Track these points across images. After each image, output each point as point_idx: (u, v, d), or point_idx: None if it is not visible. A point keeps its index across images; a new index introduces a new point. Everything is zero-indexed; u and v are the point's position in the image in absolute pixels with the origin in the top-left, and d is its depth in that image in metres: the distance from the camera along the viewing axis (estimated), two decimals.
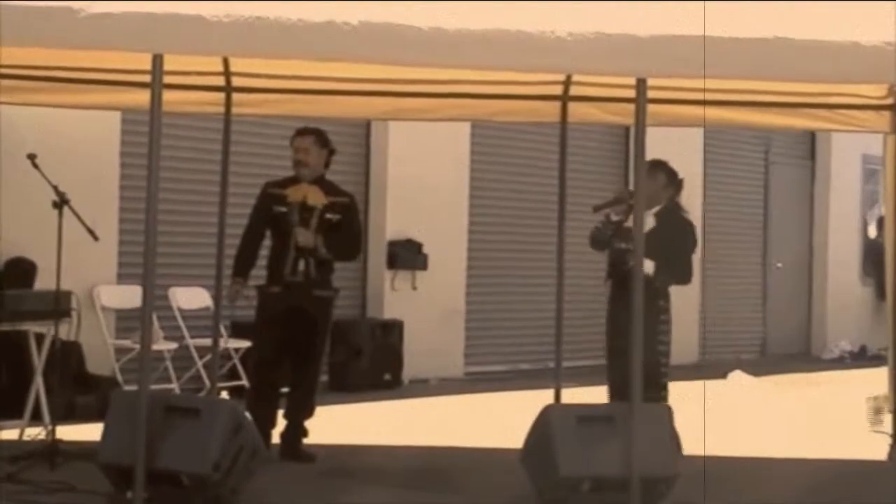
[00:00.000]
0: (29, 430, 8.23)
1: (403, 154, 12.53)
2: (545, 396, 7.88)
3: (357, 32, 5.86)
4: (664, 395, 7.75)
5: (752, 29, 6.09)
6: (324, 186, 8.14)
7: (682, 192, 8.19)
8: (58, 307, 7.95)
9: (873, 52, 6.09)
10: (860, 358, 16.61)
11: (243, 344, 10.32)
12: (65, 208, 7.54)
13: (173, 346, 10.50)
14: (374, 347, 11.97)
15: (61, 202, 7.54)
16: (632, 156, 13.45)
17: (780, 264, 17.15)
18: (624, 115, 8.10)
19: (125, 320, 10.38)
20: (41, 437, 7.81)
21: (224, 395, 9.97)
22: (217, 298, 8.59)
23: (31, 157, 7.60)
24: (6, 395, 8.86)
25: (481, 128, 13.11)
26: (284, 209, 8.03)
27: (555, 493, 6.48)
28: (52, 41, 6.00)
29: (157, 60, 6.01)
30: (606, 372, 7.97)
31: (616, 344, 7.62)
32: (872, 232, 17.65)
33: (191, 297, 10.91)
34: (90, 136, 10.06)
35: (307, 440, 8.11)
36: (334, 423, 8.84)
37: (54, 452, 7.35)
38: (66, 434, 7.64)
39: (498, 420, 9.66)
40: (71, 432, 7.80)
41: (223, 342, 9.94)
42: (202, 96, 8.46)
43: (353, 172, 12.27)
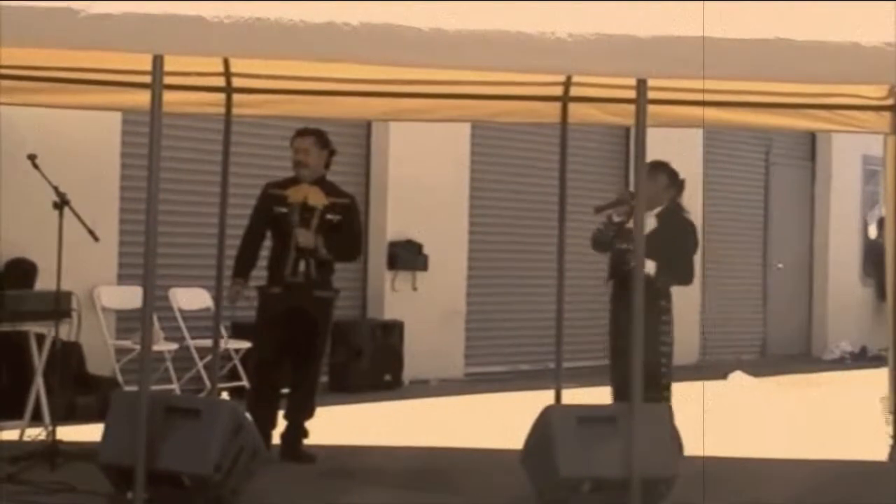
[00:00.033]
0: (29, 431, 8.23)
1: (404, 155, 12.54)
2: (545, 397, 7.88)
3: (357, 33, 5.86)
4: (667, 396, 7.75)
5: (752, 29, 6.09)
6: (324, 187, 8.14)
7: (683, 192, 8.20)
8: (58, 308, 7.95)
9: (873, 53, 6.09)
10: (861, 359, 16.62)
11: (244, 345, 10.32)
12: (65, 209, 7.54)
13: (174, 346, 10.50)
14: (374, 348, 11.97)
15: (62, 203, 7.54)
16: (632, 156, 13.45)
17: (780, 265, 17.16)
18: (624, 115, 8.10)
19: (125, 321, 10.39)
20: (41, 438, 7.81)
21: (224, 395, 9.97)
22: (217, 299, 8.59)
23: (32, 157, 7.60)
24: (6, 396, 8.86)
25: (481, 128, 13.11)
26: (285, 210, 8.03)
27: (555, 493, 6.48)
28: (52, 42, 6.00)
29: (158, 61, 6.01)
30: (609, 372, 7.98)
31: (619, 344, 7.62)
32: (873, 233, 17.65)
33: (191, 298, 10.92)
34: (90, 137, 10.06)
35: (307, 441, 8.11)
36: (335, 424, 8.83)
37: (55, 453, 7.35)
38: (67, 434, 7.64)
39: (498, 421, 9.66)
40: (71, 433, 7.80)
41: (223, 343, 9.95)
42: (202, 97, 8.46)
43: (354, 173, 12.28)
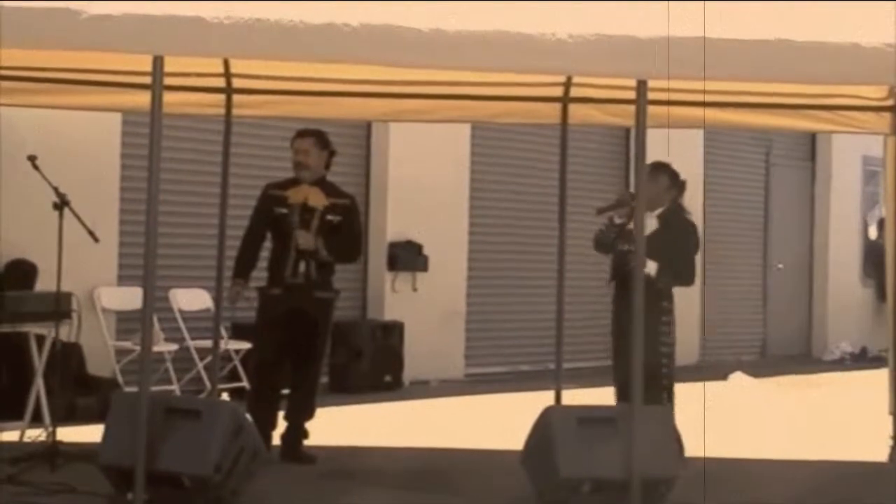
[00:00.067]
0: (29, 432, 8.23)
1: (404, 155, 12.54)
2: (546, 398, 7.89)
3: (357, 34, 5.87)
4: (669, 397, 7.75)
5: (753, 30, 6.09)
6: (324, 188, 8.14)
7: (684, 193, 8.20)
8: (58, 309, 7.95)
9: (873, 54, 6.09)
10: (861, 359, 16.62)
11: (244, 345, 10.32)
12: (65, 210, 7.54)
13: (174, 347, 10.50)
14: (374, 349, 11.97)
15: (62, 204, 7.54)
16: (632, 157, 13.45)
17: (780, 265, 17.16)
18: (624, 116, 8.10)
19: (126, 322, 10.39)
20: (42, 439, 7.81)
21: (224, 396, 9.97)
22: (217, 300, 8.59)
23: (32, 158, 7.60)
24: (7, 397, 8.86)
25: (481, 129, 13.11)
26: (285, 211, 8.03)
27: (555, 494, 6.48)
28: (52, 43, 6.00)
29: (158, 62, 6.01)
30: (613, 373, 7.98)
31: (621, 345, 7.62)
32: (873, 233, 17.65)
33: (191, 299, 10.92)
34: (91, 138, 10.06)
35: (308, 442, 8.11)
36: (335, 425, 8.83)
37: (55, 454, 7.35)
38: (67, 435, 7.64)
39: (498, 421, 9.66)
40: (71, 434, 7.79)
41: (224, 344, 9.95)
42: (202, 98, 8.46)
43: (354, 174, 12.28)
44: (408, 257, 12.61)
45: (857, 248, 17.97)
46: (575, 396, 8.35)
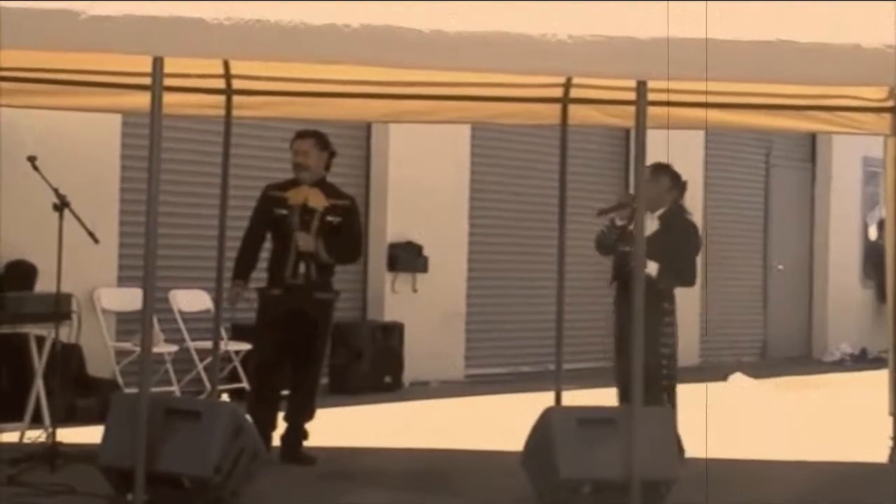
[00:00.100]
0: (29, 433, 8.22)
1: (404, 156, 12.54)
2: (546, 399, 7.89)
3: (357, 35, 5.87)
4: (670, 398, 7.75)
5: (753, 31, 6.09)
6: (324, 189, 8.13)
7: (685, 194, 8.21)
8: (58, 310, 7.95)
9: (874, 55, 6.09)
10: (861, 360, 16.62)
11: (244, 346, 10.32)
12: (65, 211, 7.54)
13: (174, 348, 10.50)
14: (374, 350, 11.97)
15: (62, 205, 7.54)
16: (632, 158, 13.45)
17: (780, 266, 17.15)
18: (624, 117, 8.10)
19: (126, 323, 10.39)
20: (42, 440, 7.80)
21: (224, 397, 9.97)
22: (217, 301, 8.59)
23: (32, 159, 7.60)
24: (7, 398, 8.86)
25: (482, 130, 13.12)
26: (285, 212, 8.02)
27: (555, 495, 6.47)
28: (52, 44, 6.00)
29: (158, 63, 6.01)
30: (615, 374, 7.99)
31: (623, 346, 7.63)
32: (873, 234, 17.65)
33: (191, 300, 10.91)
34: (91, 139, 10.06)
35: (307, 443, 8.11)
36: (335, 426, 8.83)
37: (55, 455, 7.34)
38: (67, 436, 7.63)
39: (498, 422, 9.65)
40: (71, 435, 7.79)
41: (224, 345, 9.95)
42: (202, 99, 8.46)
43: (354, 175, 12.28)
44: (408, 258, 12.61)
45: (857, 249, 17.97)
46: (575, 397, 8.34)
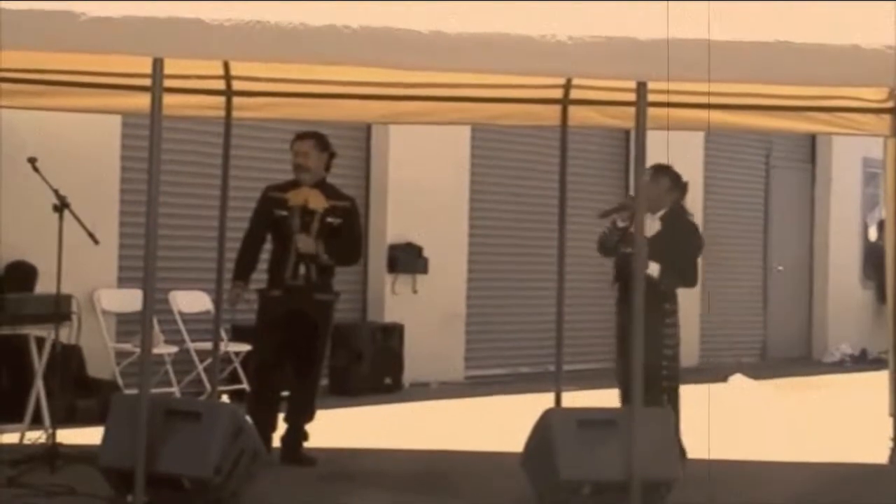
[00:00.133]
0: (29, 434, 8.22)
1: (404, 158, 12.54)
2: (546, 400, 7.89)
3: (357, 36, 5.87)
4: (671, 399, 7.74)
5: (753, 32, 6.09)
6: (325, 190, 8.13)
7: (686, 195, 8.21)
8: (58, 311, 7.95)
9: (874, 56, 6.09)
10: (861, 361, 16.62)
11: (244, 347, 10.32)
12: (65, 212, 7.54)
13: (174, 349, 10.50)
14: (374, 351, 11.97)
15: (62, 206, 7.54)
16: (632, 159, 13.45)
17: (780, 267, 17.15)
18: (624, 118, 8.10)
19: (126, 324, 10.39)
20: (42, 441, 7.79)
21: (224, 398, 9.97)
22: (217, 302, 8.59)
23: (32, 160, 7.60)
24: (7, 399, 8.86)
25: (482, 131, 13.11)
26: (285, 213, 8.02)
27: (555, 496, 6.47)
28: (52, 45, 6.00)
29: (158, 64, 6.01)
30: (617, 374, 7.99)
31: (625, 346, 7.62)
32: (873, 235, 17.65)
33: (191, 301, 10.91)
34: (91, 140, 10.06)
35: (308, 444, 8.11)
36: (335, 427, 8.83)
37: (55, 456, 7.34)
38: (67, 437, 7.63)
39: (498, 424, 9.66)
40: (71, 436, 7.79)
41: (224, 346, 9.95)
42: (202, 100, 8.46)
43: (354, 176, 12.28)
44: (408, 259, 12.61)
45: (857, 249, 17.97)
46: (575, 398, 8.35)
